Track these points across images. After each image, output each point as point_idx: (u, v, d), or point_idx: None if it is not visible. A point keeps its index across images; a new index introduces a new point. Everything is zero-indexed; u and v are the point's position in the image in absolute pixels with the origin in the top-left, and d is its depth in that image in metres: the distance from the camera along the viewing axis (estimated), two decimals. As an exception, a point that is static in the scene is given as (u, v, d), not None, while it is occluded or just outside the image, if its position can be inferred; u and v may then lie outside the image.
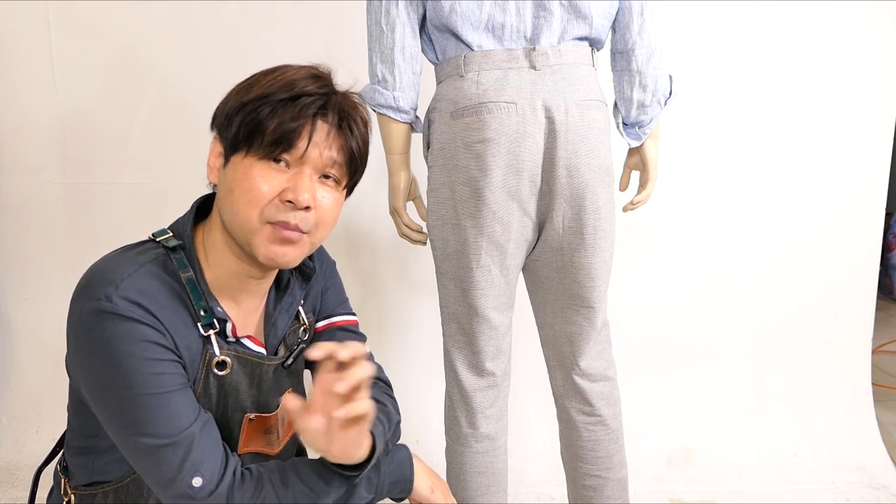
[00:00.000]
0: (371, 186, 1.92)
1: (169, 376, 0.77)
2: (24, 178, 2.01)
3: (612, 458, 1.31)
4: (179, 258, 0.83)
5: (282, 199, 0.80)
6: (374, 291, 2.05)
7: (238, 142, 0.81)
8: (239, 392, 0.87)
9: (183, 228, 0.86)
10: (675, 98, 1.29)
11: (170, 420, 0.75)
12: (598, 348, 1.30)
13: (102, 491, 0.87)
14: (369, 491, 0.85)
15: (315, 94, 0.81)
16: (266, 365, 0.90)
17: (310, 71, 0.84)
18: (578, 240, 1.20)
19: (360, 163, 0.88)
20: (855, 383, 2.12)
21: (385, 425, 0.90)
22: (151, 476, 0.77)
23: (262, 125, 0.79)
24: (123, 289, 0.75)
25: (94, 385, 0.77)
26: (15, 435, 2.04)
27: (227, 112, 0.83)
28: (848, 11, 1.94)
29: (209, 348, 0.83)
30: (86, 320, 0.75)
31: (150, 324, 0.76)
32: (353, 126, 0.84)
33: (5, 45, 1.95)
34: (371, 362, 1.01)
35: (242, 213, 0.81)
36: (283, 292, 0.94)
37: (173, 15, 1.91)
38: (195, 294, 0.82)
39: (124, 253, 0.83)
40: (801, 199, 2.04)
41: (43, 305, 2.07)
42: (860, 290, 2.09)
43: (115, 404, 0.76)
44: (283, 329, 0.94)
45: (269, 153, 0.80)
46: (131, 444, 0.76)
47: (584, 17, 1.15)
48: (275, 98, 0.80)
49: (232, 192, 0.81)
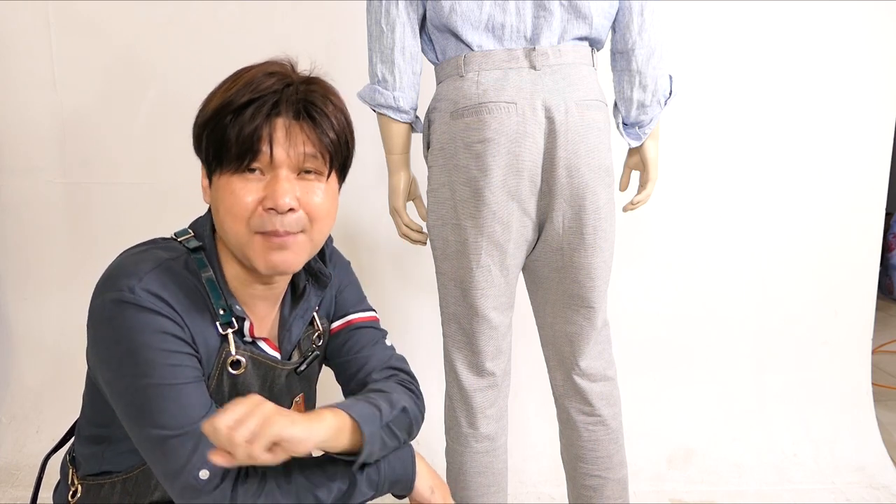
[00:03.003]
0: (371, 186, 1.93)
1: (184, 368, 0.78)
2: (24, 178, 2.01)
3: (612, 458, 1.31)
4: (199, 258, 0.84)
5: (263, 207, 0.79)
6: (374, 291, 2.03)
7: (211, 162, 0.81)
8: (250, 393, 0.87)
9: (203, 229, 0.87)
10: (675, 98, 1.29)
11: (181, 411, 0.76)
12: (598, 348, 1.30)
13: (110, 481, 0.88)
14: (370, 488, 0.86)
15: (267, 92, 0.79)
16: (279, 369, 0.90)
17: (264, 68, 0.81)
18: (578, 240, 1.20)
19: (340, 146, 0.85)
20: (855, 383, 2.12)
21: (382, 410, 0.86)
22: (160, 466, 0.77)
23: (225, 139, 0.78)
24: (146, 281, 0.77)
25: (111, 373, 0.78)
26: (15, 435, 2.04)
27: (196, 133, 0.83)
28: (848, 11, 1.94)
29: (226, 346, 0.84)
30: (107, 309, 0.76)
31: (169, 316, 0.77)
32: (314, 113, 0.81)
33: (5, 45, 1.94)
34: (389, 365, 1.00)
35: (231, 229, 0.81)
36: (300, 299, 0.94)
37: (173, 15, 1.91)
38: (214, 293, 0.83)
39: (148, 250, 0.84)
40: (801, 200, 2.04)
41: (43, 305, 2.07)
42: (860, 290, 2.09)
43: (130, 392, 0.77)
44: (297, 335, 0.95)
45: (239, 167, 0.79)
46: (143, 434, 0.77)
47: (584, 17, 1.15)
48: (233, 106, 0.78)
49: (219, 211, 0.82)
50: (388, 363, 1.00)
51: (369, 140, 1.94)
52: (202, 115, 0.82)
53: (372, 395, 0.89)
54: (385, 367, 0.99)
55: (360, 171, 1.96)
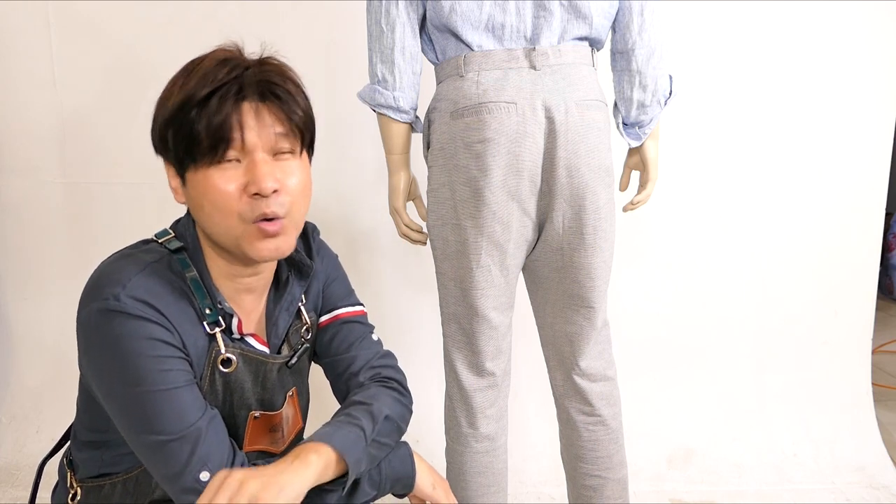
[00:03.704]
0: (371, 186, 1.93)
1: (176, 373, 0.78)
2: (24, 178, 2.01)
3: (612, 458, 1.31)
4: (182, 258, 0.84)
5: (248, 194, 0.79)
6: (374, 291, 2.05)
7: (182, 158, 0.80)
8: (244, 390, 0.88)
9: (186, 229, 0.87)
10: (675, 98, 1.29)
11: (177, 416, 0.76)
12: (598, 348, 1.30)
13: (110, 482, 0.88)
14: (372, 487, 0.87)
15: (228, 79, 0.78)
16: (270, 364, 0.90)
17: (216, 56, 0.80)
18: (578, 240, 1.20)
19: (307, 120, 0.84)
20: (855, 383, 2.12)
21: (365, 428, 0.86)
22: (160, 471, 0.78)
23: (193, 133, 0.77)
24: (131, 288, 0.76)
25: (104, 382, 0.78)
26: (15, 435, 2.04)
27: (159, 133, 0.81)
28: (848, 11, 1.93)
29: (215, 346, 0.84)
30: (94, 319, 0.76)
31: (157, 321, 0.77)
32: (278, 92, 0.80)
33: (5, 45, 1.94)
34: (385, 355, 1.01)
35: (221, 223, 0.80)
36: (283, 290, 0.94)
37: (173, 15, 1.91)
38: (199, 293, 0.83)
39: (129, 254, 0.83)
40: (801, 200, 2.04)
41: (43, 305, 2.07)
42: (860, 290, 2.09)
43: (124, 401, 0.77)
44: (283, 328, 0.94)
45: (213, 158, 0.78)
46: (140, 440, 0.77)
47: (584, 17, 1.15)
48: (195, 99, 0.77)
49: (202, 207, 0.81)
50: (373, 362, 1.00)
51: (369, 140, 1.95)
52: (162, 114, 0.80)
53: (354, 410, 0.89)
54: (370, 366, 0.99)
55: (360, 171, 1.98)
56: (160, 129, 0.81)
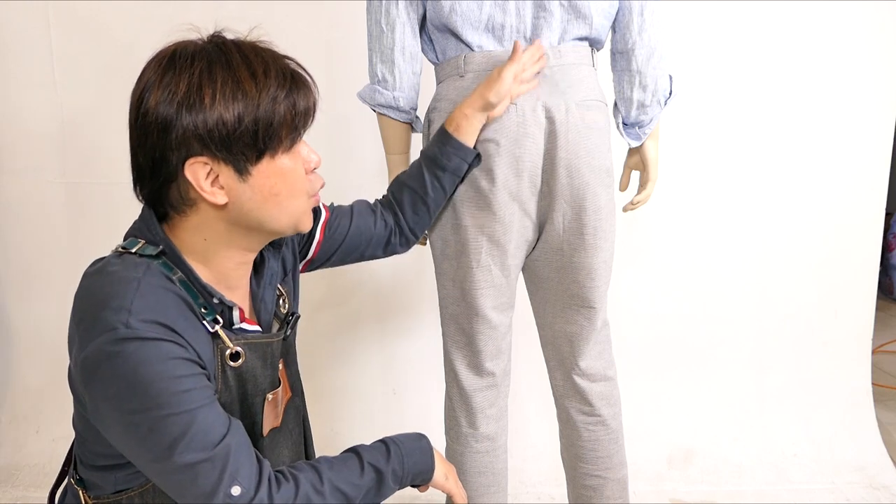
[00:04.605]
0: (371, 186, 1.93)
1: (198, 391, 0.76)
2: (24, 178, 2.01)
3: (612, 458, 1.31)
4: (163, 262, 0.81)
5: (308, 171, 0.85)
6: (374, 291, 2.05)
7: (262, 150, 0.79)
8: (256, 377, 0.88)
9: (154, 234, 0.82)
10: (675, 98, 1.29)
11: (205, 435, 0.75)
12: (598, 348, 1.30)
13: (127, 496, 0.85)
14: (396, 482, 0.89)
15: (281, 64, 0.83)
16: (273, 343, 0.91)
17: (251, 53, 0.87)
18: (579, 240, 1.20)
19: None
20: (855, 383, 2.12)
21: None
22: (190, 493, 0.75)
23: (275, 121, 0.79)
24: (136, 311, 0.73)
25: (120, 413, 0.74)
26: (15, 435, 2.04)
27: (224, 131, 0.77)
28: (848, 11, 1.94)
29: (219, 343, 0.83)
30: (105, 351, 0.72)
31: (171, 339, 0.74)
32: (300, 70, 0.86)
33: (5, 45, 1.95)
34: None
35: (292, 205, 0.84)
36: (262, 267, 0.94)
37: (173, 15, 1.90)
38: (191, 293, 0.81)
39: (111, 273, 0.78)
40: (801, 200, 2.04)
41: (43, 305, 2.07)
42: (860, 290, 2.09)
43: (147, 428, 0.73)
44: (270, 302, 0.95)
45: (293, 140, 0.82)
46: (165, 466, 0.75)
47: (584, 18, 1.15)
48: (278, 89, 0.80)
49: (277, 195, 0.82)
50: (372, 207, 1.15)
51: (369, 140, 1.95)
52: (231, 111, 0.77)
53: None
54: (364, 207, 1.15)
55: (360, 171, 1.98)
56: (228, 127, 0.77)
